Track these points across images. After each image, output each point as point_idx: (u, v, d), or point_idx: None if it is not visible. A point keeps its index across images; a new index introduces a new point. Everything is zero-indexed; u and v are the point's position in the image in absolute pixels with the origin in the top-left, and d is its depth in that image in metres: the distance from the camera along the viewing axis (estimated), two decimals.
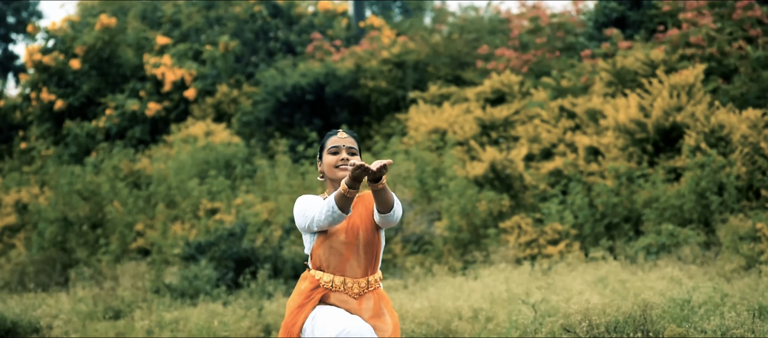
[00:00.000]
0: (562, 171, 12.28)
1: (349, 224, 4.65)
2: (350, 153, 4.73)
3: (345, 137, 4.76)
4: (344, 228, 4.63)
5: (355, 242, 4.65)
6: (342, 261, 4.64)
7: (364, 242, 4.66)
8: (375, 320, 4.65)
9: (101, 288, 12.16)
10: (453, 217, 11.83)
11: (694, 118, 11.47)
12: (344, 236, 4.63)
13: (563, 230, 11.11)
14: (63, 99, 19.15)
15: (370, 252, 4.68)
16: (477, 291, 9.03)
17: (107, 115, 18.63)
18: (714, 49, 12.52)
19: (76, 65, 19.08)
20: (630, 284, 8.43)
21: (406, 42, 17.47)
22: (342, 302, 4.64)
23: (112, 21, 19.38)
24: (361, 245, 4.66)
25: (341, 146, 4.73)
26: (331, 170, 4.73)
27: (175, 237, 13.55)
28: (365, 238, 4.66)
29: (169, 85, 18.57)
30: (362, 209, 4.70)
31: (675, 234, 10.21)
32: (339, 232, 4.63)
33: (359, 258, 4.66)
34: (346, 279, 4.63)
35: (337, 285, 4.63)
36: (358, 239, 4.65)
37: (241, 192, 14.63)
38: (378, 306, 4.68)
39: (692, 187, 10.62)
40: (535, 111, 13.68)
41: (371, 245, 4.68)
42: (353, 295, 4.64)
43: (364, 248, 4.67)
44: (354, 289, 4.64)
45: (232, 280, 11.49)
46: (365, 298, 4.66)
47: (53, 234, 14.72)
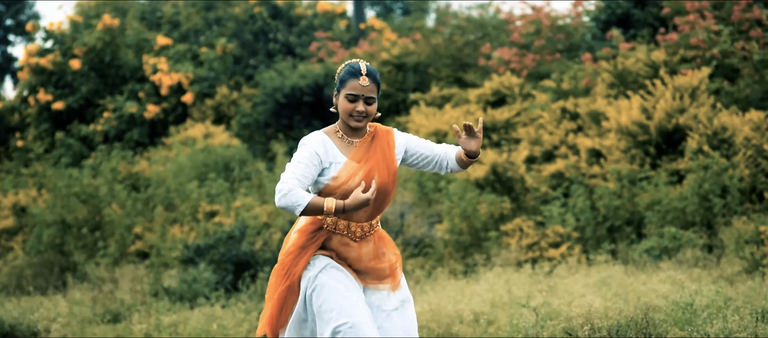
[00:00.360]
0: (563, 173, 12.28)
1: (366, 171, 4.52)
2: (368, 103, 4.52)
3: (366, 85, 4.51)
4: (358, 176, 4.50)
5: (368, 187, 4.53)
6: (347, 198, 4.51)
7: (379, 187, 4.54)
8: (375, 262, 4.58)
9: (99, 291, 12.16)
10: (454, 220, 11.83)
11: (696, 120, 11.47)
12: (358, 183, 4.49)
13: (565, 232, 11.11)
14: (61, 100, 19.15)
15: (380, 200, 4.56)
16: (478, 294, 9.03)
17: (105, 118, 18.64)
18: (716, 52, 12.52)
19: (76, 66, 19.07)
20: (632, 287, 8.44)
21: (406, 44, 17.48)
22: (342, 245, 4.55)
23: (114, 22, 19.39)
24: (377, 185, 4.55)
25: (360, 96, 4.51)
26: (346, 116, 4.54)
27: (174, 240, 13.56)
28: (380, 185, 4.54)
29: (166, 89, 18.58)
30: (380, 158, 4.57)
31: (677, 237, 10.21)
32: (352, 179, 4.48)
33: (369, 205, 4.53)
34: (351, 224, 4.53)
35: (340, 228, 4.54)
36: (372, 186, 4.51)
37: (240, 195, 14.63)
38: (377, 248, 4.60)
39: (695, 189, 10.62)
40: (537, 113, 13.69)
41: (384, 194, 4.57)
42: (355, 238, 4.56)
43: (376, 196, 4.55)
44: (357, 233, 4.56)
45: (231, 283, 11.50)
46: (365, 241, 4.58)
47: (51, 237, 14.72)
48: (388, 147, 4.60)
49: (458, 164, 4.68)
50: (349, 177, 4.50)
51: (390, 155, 4.60)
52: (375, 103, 4.55)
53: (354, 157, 4.54)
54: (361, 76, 4.51)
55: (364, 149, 4.57)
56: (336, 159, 4.53)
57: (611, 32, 13.99)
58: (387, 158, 4.58)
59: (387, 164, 4.56)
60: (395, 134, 4.69)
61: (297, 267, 4.53)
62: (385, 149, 4.59)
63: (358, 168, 4.50)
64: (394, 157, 4.61)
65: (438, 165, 4.72)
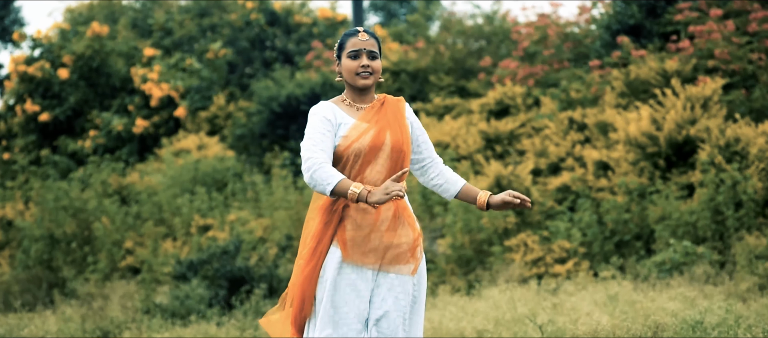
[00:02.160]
0: (570, 187, 12.32)
1: (378, 126, 4.59)
2: (371, 58, 4.63)
3: (366, 40, 4.65)
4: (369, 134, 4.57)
5: (381, 147, 4.58)
6: (364, 164, 4.57)
7: (392, 145, 4.59)
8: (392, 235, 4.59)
9: (89, 308, 12.20)
10: (456, 234, 11.87)
11: (708, 131, 11.51)
12: (369, 140, 4.56)
13: (571, 248, 11.15)
14: (48, 111, 19.20)
15: (395, 158, 4.60)
16: (481, 311, 9.07)
17: (92, 136, 18.67)
18: (737, 66, 12.53)
19: (64, 75, 19.13)
20: (640, 304, 8.47)
21: (407, 51, 17.54)
22: (361, 212, 4.56)
23: (104, 29, 19.45)
24: (389, 148, 4.59)
25: (362, 50, 4.63)
26: (352, 76, 4.64)
27: (166, 255, 13.59)
28: (393, 140, 4.59)
29: (156, 101, 18.63)
30: (392, 119, 4.64)
31: (688, 252, 10.24)
32: (363, 136, 4.56)
33: (383, 163, 4.58)
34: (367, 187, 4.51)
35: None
36: (384, 145, 4.58)
37: (234, 208, 14.67)
38: (396, 217, 4.62)
39: (706, 203, 10.65)
40: (543, 123, 13.72)
41: (398, 151, 4.61)
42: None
43: (390, 152, 4.59)
44: None
45: (225, 300, 11.53)
46: (384, 207, 4.59)
47: (39, 252, 14.76)
48: (399, 112, 4.68)
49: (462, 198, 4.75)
50: (360, 136, 4.58)
51: (402, 117, 4.68)
52: (378, 59, 4.66)
53: (364, 119, 4.63)
54: (360, 32, 4.66)
55: (373, 112, 4.66)
56: (345, 121, 4.62)
57: (621, 38, 14.00)
58: (399, 120, 4.65)
59: (399, 125, 4.64)
60: (405, 104, 4.79)
61: (322, 245, 4.59)
62: (397, 113, 4.67)
63: (368, 127, 4.59)
64: (406, 121, 4.69)
65: (424, 167, 4.79)
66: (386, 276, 4.62)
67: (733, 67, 12.56)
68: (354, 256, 4.59)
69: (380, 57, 4.70)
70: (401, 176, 4.45)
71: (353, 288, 4.58)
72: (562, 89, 14.31)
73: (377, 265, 4.60)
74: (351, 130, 4.60)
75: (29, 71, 19.30)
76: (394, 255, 4.61)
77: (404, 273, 4.62)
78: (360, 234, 4.59)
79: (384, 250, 4.61)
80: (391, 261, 4.61)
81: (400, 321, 4.59)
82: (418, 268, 4.68)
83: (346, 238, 4.59)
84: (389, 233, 4.60)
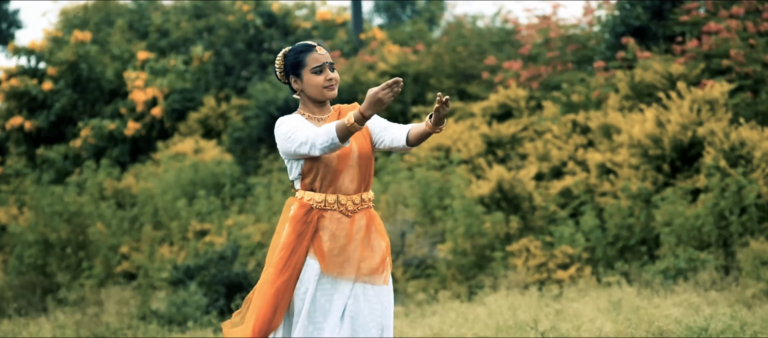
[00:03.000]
0: (572, 191, 12.33)
1: None
2: (332, 69, 4.80)
3: (324, 53, 4.82)
4: None
5: (350, 155, 4.75)
6: (335, 176, 4.73)
7: (359, 155, 4.77)
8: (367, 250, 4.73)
9: (84, 315, 12.21)
10: (457, 240, 11.89)
11: (713, 135, 11.52)
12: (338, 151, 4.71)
13: (574, 253, 11.17)
14: (33, 121, 19.28)
15: (364, 166, 4.79)
16: (482, 318, 9.08)
17: (82, 137, 18.71)
18: (751, 69, 12.53)
19: (48, 86, 19.28)
20: (644, 311, 8.48)
21: (407, 54, 17.56)
22: (336, 221, 4.71)
23: (86, 35, 19.55)
24: (356, 158, 4.77)
25: (325, 64, 4.79)
26: (319, 90, 4.79)
27: (163, 260, 13.61)
28: (360, 151, 4.77)
29: (141, 105, 18.71)
30: None
31: (693, 258, 10.26)
32: None
33: (353, 172, 4.76)
34: (340, 197, 4.73)
35: (330, 203, 4.73)
36: (352, 152, 4.75)
37: (232, 213, 14.69)
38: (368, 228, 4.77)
39: (711, 208, 10.67)
40: (546, 126, 13.74)
41: (366, 159, 4.79)
42: (347, 213, 4.73)
43: (358, 162, 4.77)
44: (348, 207, 4.74)
45: (223, 306, 11.55)
46: (358, 216, 4.76)
47: (33, 257, 14.78)
48: None
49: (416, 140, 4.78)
50: None
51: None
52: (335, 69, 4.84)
53: None
54: (316, 47, 4.82)
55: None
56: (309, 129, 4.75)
57: (627, 39, 13.99)
58: None
59: (361, 132, 4.79)
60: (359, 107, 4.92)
61: (297, 256, 4.68)
62: None
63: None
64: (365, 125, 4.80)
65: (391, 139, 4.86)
66: (362, 286, 4.75)
67: (747, 70, 12.55)
68: (332, 268, 4.71)
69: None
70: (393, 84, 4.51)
71: (330, 300, 4.69)
72: (564, 92, 14.33)
73: (353, 276, 4.72)
74: None
75: (13, 84, 19.41)
76: (369, 267, 4.75)
77: (378, 283, 4.77)
78: (337, 245, 4.72)
79: (359, 262, 4.74)
80: (366, 272, 4.75)
81: (377, 331, 4.73)
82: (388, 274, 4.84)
83: (324, 250, 4.72)
84: (363, 245, 4.74)
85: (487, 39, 17.87)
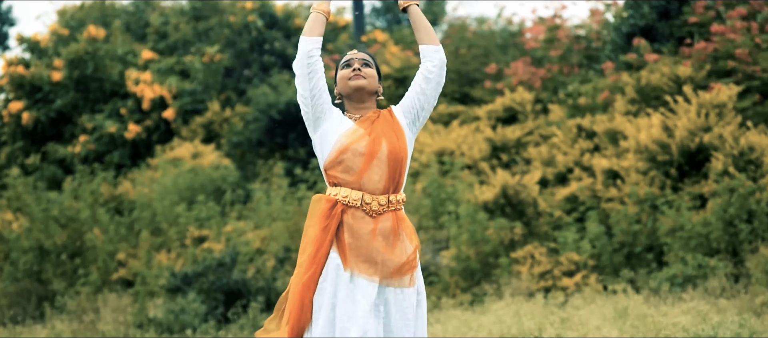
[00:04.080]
0: (578, 197, 12.35)
1: (373, 135, 4.70)
2: (364, 64, 4.80)
3: (356, 51, 4.85)
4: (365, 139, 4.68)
5: (377, 155, 4.68)
6: (360, 171, 4.67)
7: (389, 153, 4.69)
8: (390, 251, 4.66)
9: (80, 323, 12.24)
10: (461, 246, 11.90)
11: (722, 139, 11.53)
12: (365, 147, 4.67)
13: (580, 260, 11.18)
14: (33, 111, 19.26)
15: (393, 166, 4.70)
16: (486, 326, 9.10)
17: (82, 142, 18.72)
18: (758, 68, 12.53)
19: (57, 77, 19.24)
20: (651, 319, 8.50)
21: (409, 56, 17.59)
22: (359, 220, 4.65)
23: (100, 32, 19.54)
24: (385, 155, 4.69)
25: (354, 59, 4.81)
26: (345, 83, 4.79)
27: (160, 267, 13.63)
28: (390, 149, 4.69)
29: (147, 103, 18.68)
30: (387, 127, 4.75)
31: (701, 265, 10.27)
32: (358, 141, 4.68)
33: (381, 172, 4.68)
34: (365, 195, 4.65)
35: (354, 200, 4.65)
36: (380, 152, 4.68)
37: (231, 219, 14.71)
38: (395, 229, 4.70)
39: (719, 214, 10.68)
40: (551, 131, 13.75)
41: (396, 159, 4.70)
42: (371, 213, 4.66)
43: (387, 160, 4.69)
44: (372, 206, 4.66)
45: (221, 314, 11.57)
46: (383, 217, 4.68)
47: (28, 264, 14.79)
48: (392, 118, 4.80)
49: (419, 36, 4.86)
50: (356, 140, 4.70)
51: (395, 123, 4.80)
52: (372, 68, 4.82)
53: (360, 125, 4.77)
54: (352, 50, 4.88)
55: (368, 122, 4.78)
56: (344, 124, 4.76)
57: (637, 39, 13.99)
58: (393, 127, 4.77)
59: (394, 131, 4.75)
60: (393, 107, 4.91)
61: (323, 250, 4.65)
62: (389, 120, 4.79)
63: (364, 133, 4.71)
64: (399, 124, 4.80)
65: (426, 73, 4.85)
66: (393, 291, 4.69)
67: (754, 69, 12.55)
68: (354, 264, 4.65)
69: (375, 70, 4.86)
70: None
71: (353, 301, 4.63)
72: (568, 94, 14.33)
73: (377, 278, 4.67)
74: (348, 133, 4.72)
75: (19, 71, 19.39)
76: (394, 270, 4.69)
77: (405, 285, 4.70)
78: (357, 243, 4.66)
79: (383, 264, 4.67)
80: (391, 274, 4.68)
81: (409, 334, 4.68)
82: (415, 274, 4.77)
83: (346, 245, 4.67)
84: (388, 250, 4.68)
85: (491, 41, 17.91)
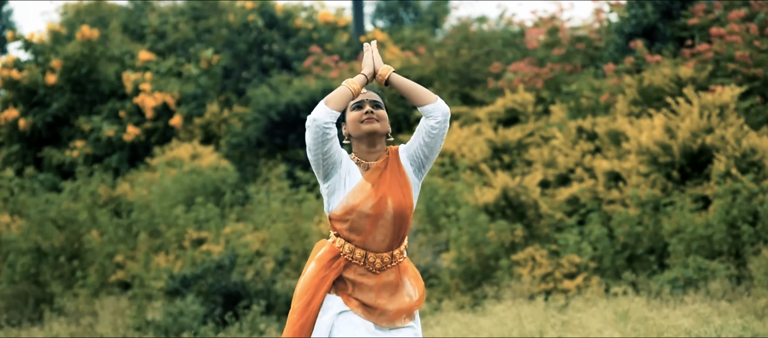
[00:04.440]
0: (579, 199, 12.35)
1: (379, 195, 4.63)
2: (375, 106, 4.71)
3: (366, 92, 4.73)
4: (372, 199, 4.61)
5: (383, 214, 4.63)
6: (365, 233, 4.62)
7: (394, 214, 4.64)
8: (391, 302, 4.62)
9: (78, 325, 12.23)
10: (461, 248, 11.90)
11: (724, 141, 11.53)
12: (371, 208, 4.61)
13: (581, 262, 11.18)
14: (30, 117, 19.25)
15: (398, 224, 4.65)
16: (486, 328, 9.09)
17: (80, 146, 18.71)
18: (759, 71, 12.52)
19: (52, 80, 19.20)
20: (653, 322, 8.50)
21: (409, 57, 17.60)
22: (360, 276, 4.62)
23: (94, 33, 19.50)
24: (390, 217, 4.64)
25: (365, 100, 4.70)
26: (356, 126, 4.69)
27: (159, 269, 13.62)
28: (396, 208, 4.64)
29: (150, 111, 18.69)
30: (393, 180, 4.68)
31: (703, 267, 10.27)
32: (364, 202, 4.61)
33: (386, 231, 4.63)
34: (368, 254, 4.62)
35: (357, 257, 4.62)
36: (386, 212, 4.63)
37: (230, 221, 14.71)
38: (399, 280, 4.66)
39: (722, 216, 10.67)
40: (552, 132, 13.75)
41: (401, 217, 4.65)
42: (374, 270, 4.63)
43: (392, 221, 4.64)
44: (376, 264, 4.64)
45: (220, 317, 11.56)
46: (386, 273, 4.65)
47: (25, 266, 14.79)
48: (399, 168, 4.72)
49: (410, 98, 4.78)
50: (363, 200, 4.63)
51: (400, 173, 4.73)
52: (383, 109, 4.73)
53: (368, 178, 4.69)
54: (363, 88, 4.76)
55: (377, 174, 4.70)
56: (352, 172, 4.68)
57: (636, 42, 14.01)
58: (399, 179, 4.70)
59: (400, 185, 4.69)
60: (400, 149, 4.82)
61: (316, 298, 4.62)
62: (396, 171, 4.71)
63: (370, 193, 4.64)
64: (405, 173, 4.73)
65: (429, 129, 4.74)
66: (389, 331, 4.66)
67: (755, 71, 12.56)
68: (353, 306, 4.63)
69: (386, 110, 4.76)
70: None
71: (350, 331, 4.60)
72: (569, 93, 14.32)
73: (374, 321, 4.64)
74: (356, 192, 4.64)
75: (14, 75, 19.36)
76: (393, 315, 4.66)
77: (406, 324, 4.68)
78: (358, 292, 4.64)
79: (382, 312, 4.65)
80: (393, 318, 4.66)
81: None
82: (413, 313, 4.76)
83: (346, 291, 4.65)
84: (390, 301, 4.65)
85: (492, 41, 17.91)
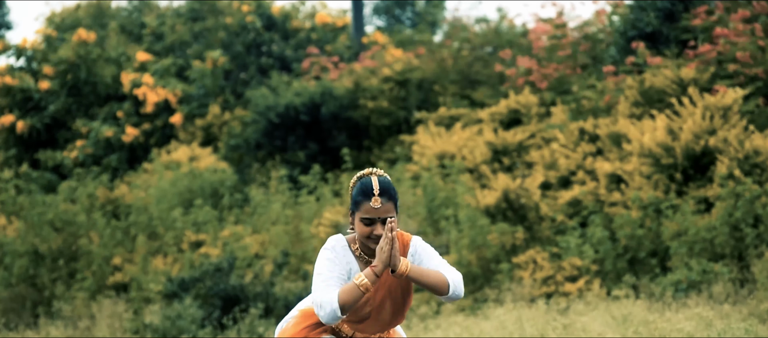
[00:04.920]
0: (581, 201, 12.34)
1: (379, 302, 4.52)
2: (384, 223, 4.43)
3: (379, 207, 4.43)
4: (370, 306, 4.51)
5: (381, 314, 4.55)
6: (357, 325, 4.56)
7: (391, 315, 4.55)
8: None
9: (75, 328, 12.23)
10: (462, 251, 11.90)
11: (727, 143, 11.52)
12: (369, 308, 4.51)
13: (582, 265, 11.18)
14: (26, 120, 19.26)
15: (392, 323, 4.59)
16: (487, 332, 9.09)
17: (78, 146, 18.71)
18: (760, 70, 12.52)
19: (45, 86, 19.24)
20: (655, 325, 8.49)
21: (410, 58, 17.60)
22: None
23: (90, 36, 19.51)
24: (388, 316, 4.56)
25: (376, 219, 4.43)
26: (364, 239, 4.47)
27: (157, 272, 13.62)
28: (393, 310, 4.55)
29: (151, 106, 18.67)
30: (395, 285, 4.54)
31: (706, 270, 10.27)
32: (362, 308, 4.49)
33: (379, 325, 4.57)
34: (356, 334, 4.57)
35: (345, 331, 4.56)
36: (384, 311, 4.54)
37: (229, 223, 14.71)
38: None
39: (725, 218, 10.67)
40: (553, 134, 13.75)
41: (396, 320, 4.58)
42: None
43: (389, 319, 4.56)
44: None
45: (218, 320, 11.56)
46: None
47: (22, 269, 14.79)
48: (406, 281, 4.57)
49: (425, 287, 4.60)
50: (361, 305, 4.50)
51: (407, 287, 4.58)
52: (395, 219, 4.44)
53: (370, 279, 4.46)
54: (373, 196, 4.45)
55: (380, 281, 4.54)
56: (354, 270, 4.52)
57: (637, 43, 14.01)
58: (402, 283, 4.54)
59: (402, 295, 4.56)
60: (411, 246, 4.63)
61: None
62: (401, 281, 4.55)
63: (370, 296, 4.50)
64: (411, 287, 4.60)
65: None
66: None
67: (756, 71, 12.56)
68: None
69: (397, 212, 4.52)
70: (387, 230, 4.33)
71: None
72: (573, 97, 14.33)
73: None
74: None
75: (8, 81, 19.38)
76: None
77: None
78: None
79: None
80: None
81: None
82: None
83: None
84: None
85: (493, 42, 17.92)
